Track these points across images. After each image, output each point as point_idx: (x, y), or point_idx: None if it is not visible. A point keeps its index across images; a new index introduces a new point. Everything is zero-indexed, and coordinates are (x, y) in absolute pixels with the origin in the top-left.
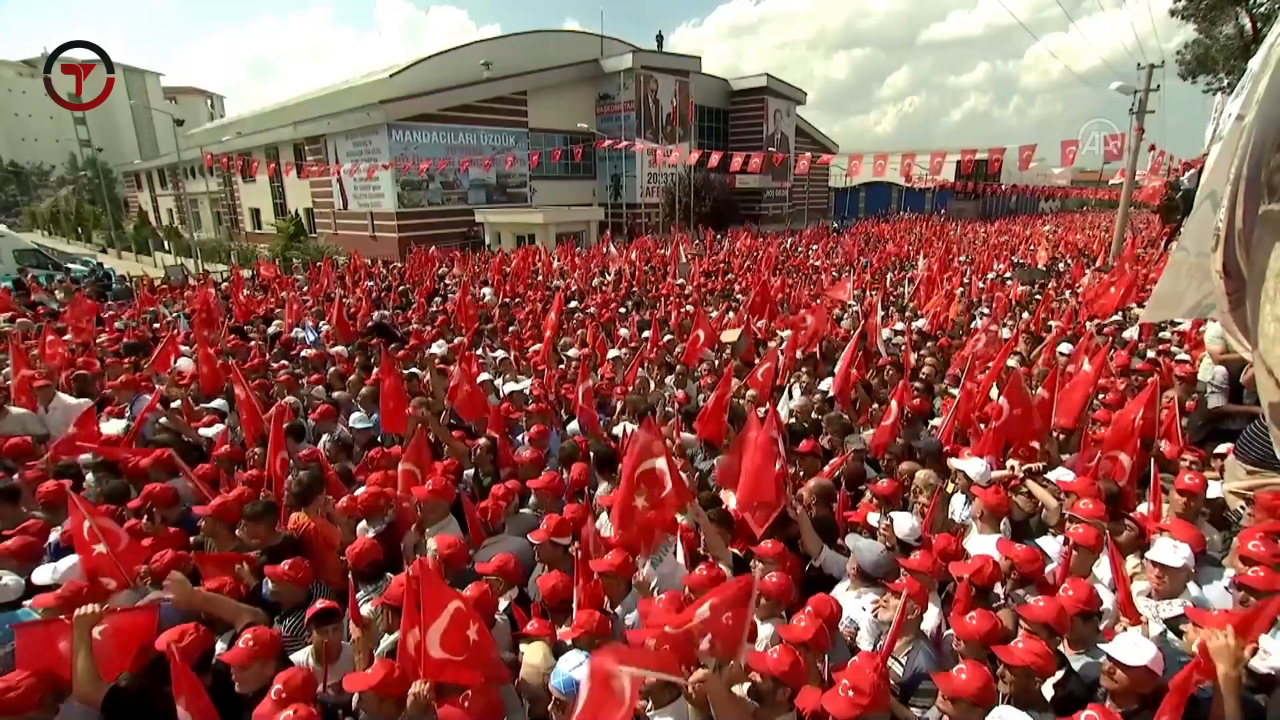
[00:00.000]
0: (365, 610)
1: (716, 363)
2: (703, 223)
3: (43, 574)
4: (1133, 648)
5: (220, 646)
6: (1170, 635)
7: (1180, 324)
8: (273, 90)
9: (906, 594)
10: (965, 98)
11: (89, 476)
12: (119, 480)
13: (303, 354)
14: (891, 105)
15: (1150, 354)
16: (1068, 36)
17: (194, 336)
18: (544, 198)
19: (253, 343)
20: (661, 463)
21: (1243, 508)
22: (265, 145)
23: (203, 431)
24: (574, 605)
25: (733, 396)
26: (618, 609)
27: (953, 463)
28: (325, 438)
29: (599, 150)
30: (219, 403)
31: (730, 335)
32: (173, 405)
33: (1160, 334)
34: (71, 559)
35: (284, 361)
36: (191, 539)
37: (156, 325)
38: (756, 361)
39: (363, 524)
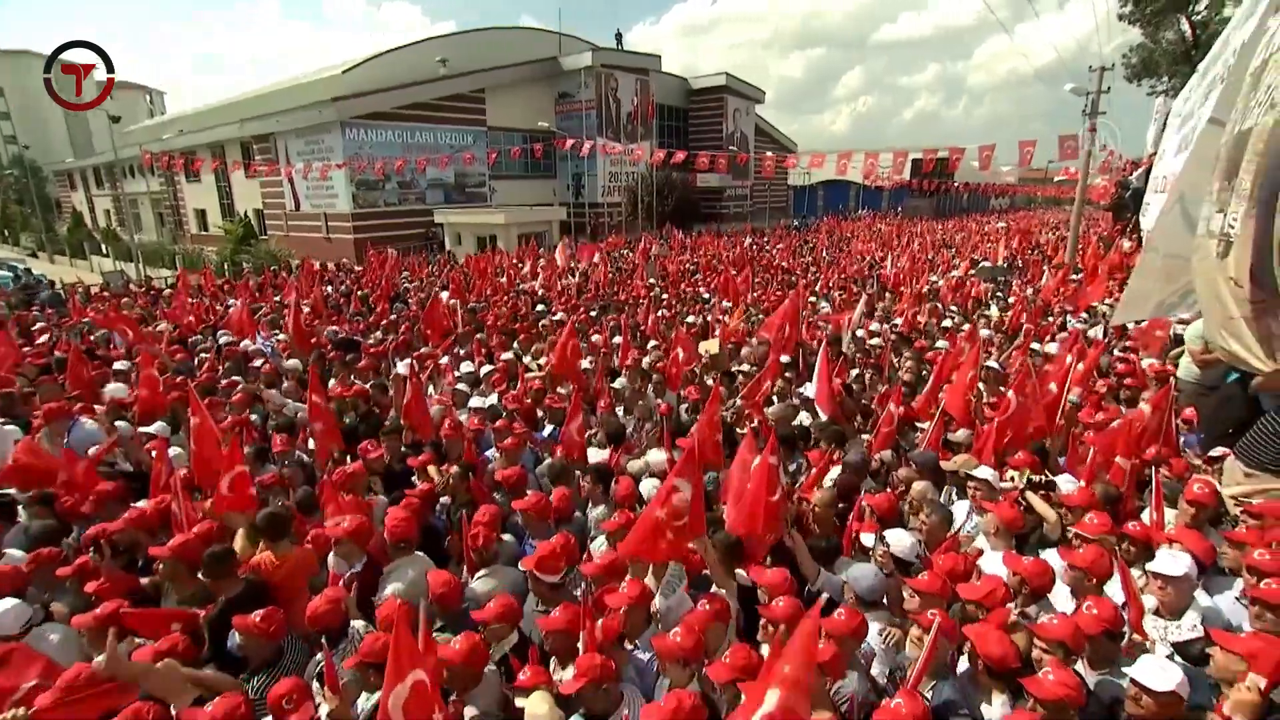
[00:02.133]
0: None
1: (698, 371)
2: (665, 222)
3: None
4: (1159, 672)
5: None
6: (1178, 659)
7: (1142, 322)
8: (217, 86)
9: (937, 626)
10: (916, 97)
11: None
12: (53, 520)
13: (254, 364)
14: (846, 105)
15: (1116, 351)
16: (1010, 39)
17: (137, 351)
18: (504, 197)
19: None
20: (688, 490)
21: (1241, 514)
22: (210, 144)
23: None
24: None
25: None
26: (636, 644)
27: (965, 466)
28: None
29: (559, 149)
30: (159, 426)
31: (710, 345)
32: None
33: (1126, 333)
34: (9, 602)
35: (235, 377)
36: (144, 580)
37: (91, 338)
38: (735, 368)
39: (333, 558)
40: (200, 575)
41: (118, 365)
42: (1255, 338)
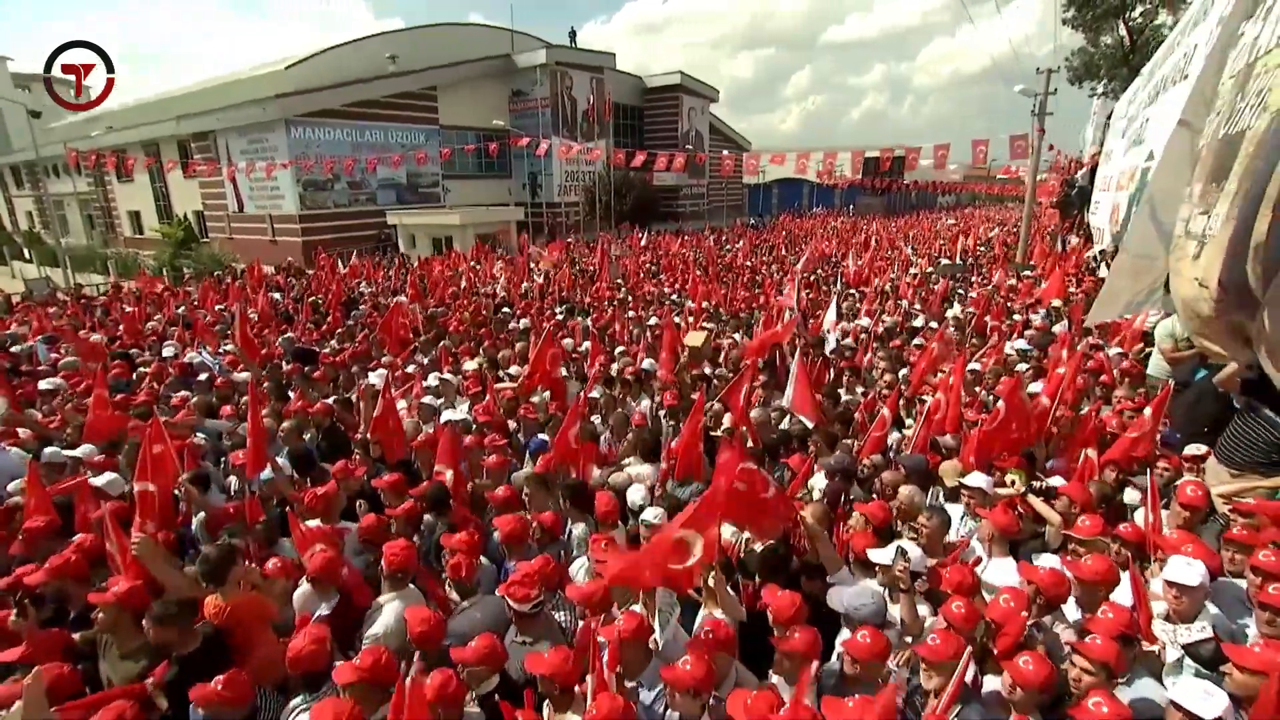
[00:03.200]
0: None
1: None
2: (624, 221)
3: None
4: (1204, 697)
5: None
6: (1188, 661)
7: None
8: (150, 80)
9: (968, 656)
10: (864, 97)
11: None
12: None
13: (201, 378)
14: (795, 104)
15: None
16: (972, 34)
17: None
18: (458, 197)
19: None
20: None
21: (1231, 512)
22: (143, 142)
23: (94, 481)
24: (585, 688)
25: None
26: (639, 683)
27: (953, 472)
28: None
29: (514, 148)
30: (86, 449)
31: (695, 339)
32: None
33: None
34: None
35: (183, 393)
36: (77, 635)
37: (15, 351)
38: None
39: (304, 590)
40: (156, 628)
41: (44, 385)
42: (1221, 337)
